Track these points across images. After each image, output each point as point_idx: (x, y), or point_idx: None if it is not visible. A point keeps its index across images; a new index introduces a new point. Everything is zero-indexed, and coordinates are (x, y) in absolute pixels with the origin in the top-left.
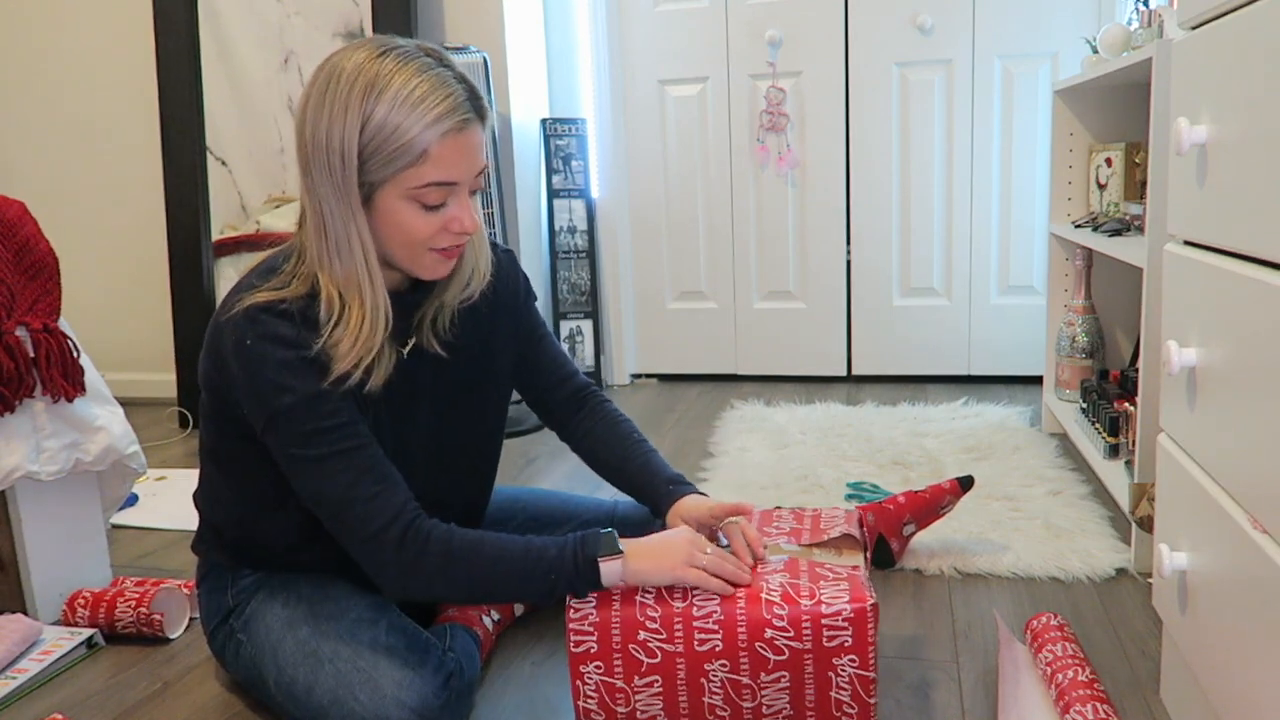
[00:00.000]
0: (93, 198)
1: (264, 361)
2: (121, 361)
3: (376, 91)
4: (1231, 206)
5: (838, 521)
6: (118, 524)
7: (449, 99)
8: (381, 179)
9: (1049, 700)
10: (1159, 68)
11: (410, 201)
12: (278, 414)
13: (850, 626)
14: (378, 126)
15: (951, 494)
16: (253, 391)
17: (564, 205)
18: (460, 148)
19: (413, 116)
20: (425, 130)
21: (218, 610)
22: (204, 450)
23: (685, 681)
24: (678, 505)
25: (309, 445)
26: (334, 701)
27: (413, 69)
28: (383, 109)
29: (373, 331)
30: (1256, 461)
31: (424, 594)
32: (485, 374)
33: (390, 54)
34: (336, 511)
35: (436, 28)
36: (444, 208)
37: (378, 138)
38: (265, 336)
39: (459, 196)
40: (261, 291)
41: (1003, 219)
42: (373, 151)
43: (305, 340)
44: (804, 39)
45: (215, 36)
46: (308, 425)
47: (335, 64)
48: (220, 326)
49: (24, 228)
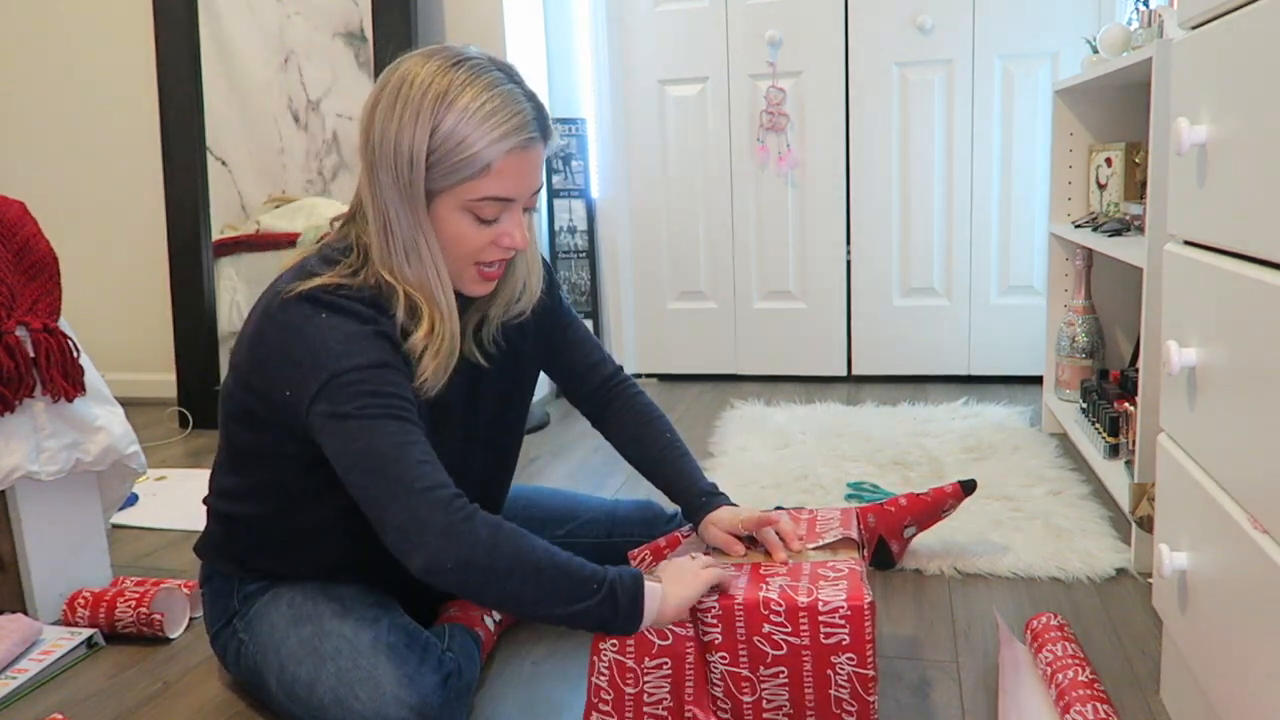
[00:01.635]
0: (93, 198)
1: (332, 331)
2: (121, 361)
3: (448, 101)
4: (1231, 206)
5: (833, 524)
6: (118, 524)
7: (517, 116)
8: (442, 188)
9: (1049, 700)
10: (1159, 68)
11: (466, 213)
12: (338, 373)
13: (847, 624)
14: (445, 135)
15: (953, 497)
16: (311, 359)
17: (564, 205)
18: (522, 165)
19: (481, 130)
20: (491, 145)
21: (223, 612)
22: (227, 452)
23: (694, 667)
24: (711, 516)
25: (368, 405)
26: (335, 699)
27: (484, 83)
28: (452, 119)
29: (452, 338)
30: (1256, 461)
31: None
32: (515, 381)
33: (464, 65)
34: (385, 465)
35: (436, 28)
36: (497, 222)
37: (444, 146)
38: (337, 309)
39: (513, 212)
40: (327, 276)
41: (1003, 219)
42: (438, 160)
43: (379, 321)
44: (804, 39)
45: (215, 36)
46: (368, 386)
47: (408, 70)
48: (280, 306)
49: (24, 228)
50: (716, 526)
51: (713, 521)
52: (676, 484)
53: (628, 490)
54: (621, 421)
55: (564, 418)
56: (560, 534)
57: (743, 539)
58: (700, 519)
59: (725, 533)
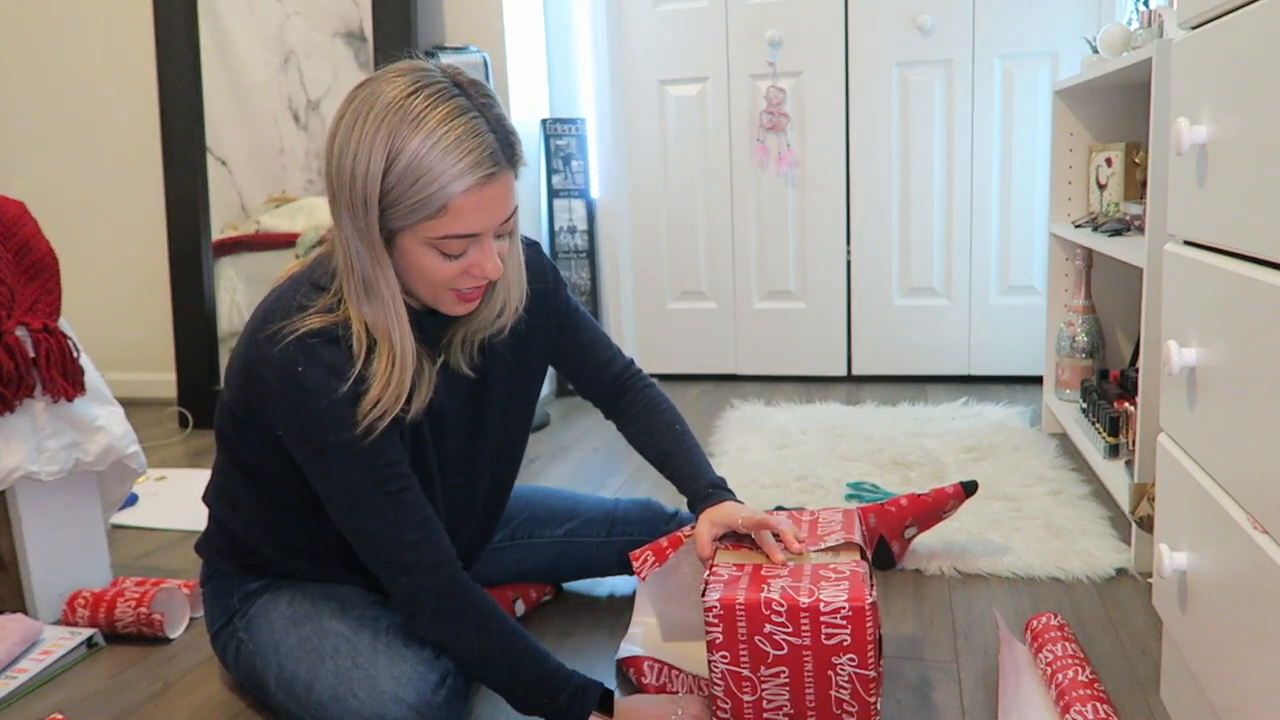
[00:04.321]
0: (93, 198)
1: (316, 393)
2: (121, 361)
3: (402, 137)
4: (1231, 206)
5: (835, 526)
6: (118, 524)
7: (475, 152)
8: (400, 227)
9: (1049, 700)
10: (1159, 68)
11: (430, 248)
12: (326, 449)
13: (849, 625)
14: (399, 175)
15: (954, 498)
16: (299, 422)
17: (564, 205)
18: (484, 201)
19: (437, 168)
20: (449, 184)
21: (223, 612)
22: (225, 457)
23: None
24: (711, 510)
25: (356, 484)
26: (334, 698)
27: (442, 114)
28: (404, 159)
29: (401, 377)
30: (1256, 461)
31: (445, 641)
32: (516, 388)
33: (422, 92)
34: (379, 551)
35: (436, 28)
36: (465, 255)
37: (399, 187)
38: (318, 363)
39: (482, 245)
40: (312, 315)
41: (1003, 219)
42: (394, 201)
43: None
44: (804, 39)
45: (215, 36)
46: (355, 464)
47: (368, 95)
48: (264, 349)
49: (24, 228)
50: (712, 523)
51: (710, 518)
52: (682, 475)
53: (628, 490)
54: (633, 414)
55: (564, 418)
56: (560, 533)
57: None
58: (701, 510)
59: (712, 536)
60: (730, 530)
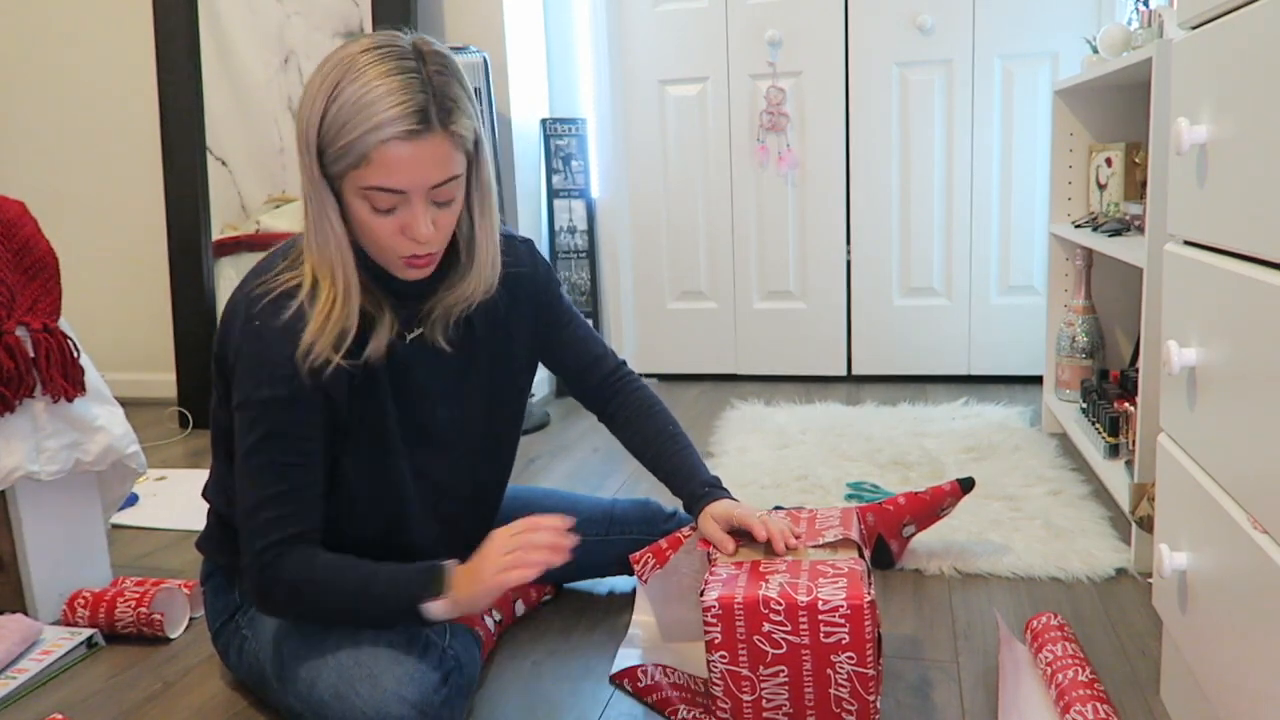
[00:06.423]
0: (93, 198)
1: (260, 342)
2: (121, 361)
3: (339, 88)
4: (1231, 206)
5: (833, 524)
6: (118, 524)
7: (401, 105)
8: (337, 173)
9: (1049, 700)
10: (1159, 68)
11: (363, 200)
12: (246, 402)
13: (847, 623)
14: (332, 119)
15: (952, 496)
16: (244, 371)
17: (564, 205)
18: (404, 157)
19: (359, 118)
20: (368, 134)
21: (225, 609)
22: (216, 440)
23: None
24: (711, 507)
25: (257, 445)
26: (335, 696)
27: (381, 70)
28: (335, 106)
29: (344, 312)
30: (1256, 461)
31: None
32: (503, 368)
33: (373, 51)
34: (245, 511)
35: (436, 28)
36: (394, 213)
37: (330, 130)
38: (269, 314)
39: (410, 205)
40: (283, 272)
41: (1003, 219)
42: (325, 145)
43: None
44: (804, 39)
45: (215, 36)
46: (262, 426)
47: (333, 53)
48: (236, 301)
49: (24, 228)
50: (714, 521)
51: (712, 514)
52: (677, 476)
53: (627, 490)
54: (625, 416)
55: (564, 418)
56: None
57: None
58: (698, 510)
59: (721, 529)
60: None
